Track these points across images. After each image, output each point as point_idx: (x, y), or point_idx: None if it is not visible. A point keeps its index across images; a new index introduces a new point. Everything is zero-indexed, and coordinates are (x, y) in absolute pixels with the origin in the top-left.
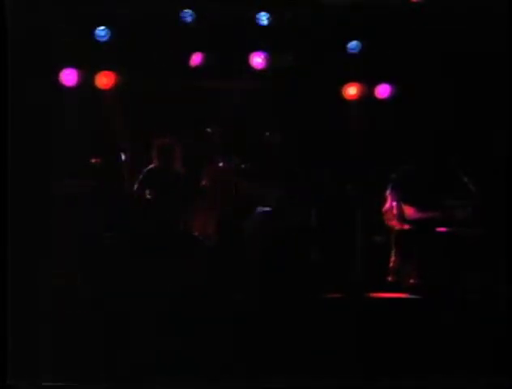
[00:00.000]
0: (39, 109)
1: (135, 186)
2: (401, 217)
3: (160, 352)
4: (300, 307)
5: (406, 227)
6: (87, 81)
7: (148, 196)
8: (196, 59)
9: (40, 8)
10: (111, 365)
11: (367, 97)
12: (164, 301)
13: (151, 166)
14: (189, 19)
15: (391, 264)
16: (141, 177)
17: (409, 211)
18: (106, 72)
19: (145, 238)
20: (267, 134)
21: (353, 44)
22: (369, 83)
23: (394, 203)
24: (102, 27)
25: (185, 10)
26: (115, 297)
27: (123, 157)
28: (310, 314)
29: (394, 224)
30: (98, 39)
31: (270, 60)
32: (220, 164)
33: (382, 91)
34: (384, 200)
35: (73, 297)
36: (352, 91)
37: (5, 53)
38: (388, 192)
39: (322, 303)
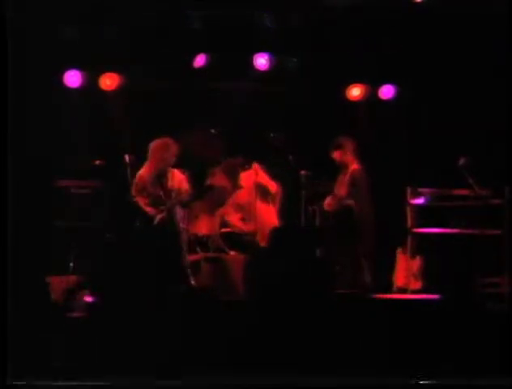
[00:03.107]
0: (40, 110)
1: (132, 191)
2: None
3: (160, 351)
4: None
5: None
6: (91, 82)
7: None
8: (200, 60)
9: (42, 8)
10: (111, 364)
11: (371, 98)
12: (164, 301)
13: (142, 170)
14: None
15: None
16: (134, 181)
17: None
18: (110, 73)
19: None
20: (271, 135)
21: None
22: (373, 83)
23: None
24: None
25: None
26: (115, 297)
27: (127, 158)
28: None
29: None
30: None
31: (275, 61)
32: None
33: (386, 92)
34: None
35: (73, 296)
36: (355, 92)
37: (6, 53)
38: None
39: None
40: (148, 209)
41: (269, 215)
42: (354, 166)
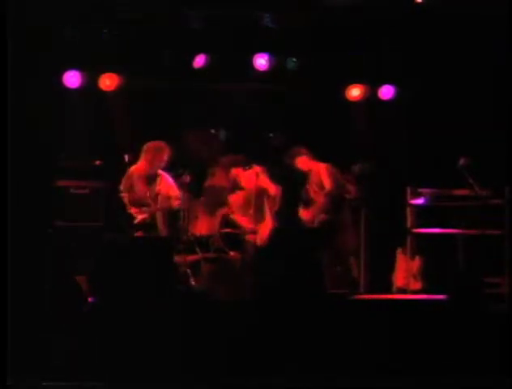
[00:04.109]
0: (40, 110)
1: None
2: None
3: (161, 352)
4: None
5: None
6: (90, 82)
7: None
8: (200, 60)
9: (42, 8)
10: (111, 364)
11: (370, 98)
12: (163, 302)
13: (132, 168)
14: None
15: None
16: (124, 177)
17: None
18: (110, 73)
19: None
20: (271, 135)
21: None
22: (373, 84)
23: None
24: None
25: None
26: (114, 297)
27: (126, 158)
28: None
29: None
30: None
31: (275, 61)
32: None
33: (386, 92)
34: None
35: (73, 296)
36: (355, 92)
37: (6, 53)
38: None
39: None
40: (132, 207)
41: (268, 217)
42: (321, 165)
